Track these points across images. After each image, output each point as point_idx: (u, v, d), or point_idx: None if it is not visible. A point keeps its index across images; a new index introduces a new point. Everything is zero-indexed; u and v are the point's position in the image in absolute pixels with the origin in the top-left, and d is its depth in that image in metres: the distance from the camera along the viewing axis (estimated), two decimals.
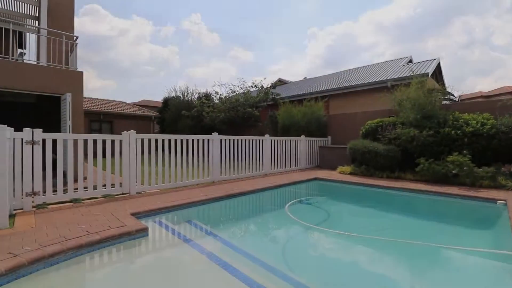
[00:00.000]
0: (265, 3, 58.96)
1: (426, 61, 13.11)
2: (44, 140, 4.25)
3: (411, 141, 7.24)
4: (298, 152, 9.36)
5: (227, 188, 5.80)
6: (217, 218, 4.58)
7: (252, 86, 15.96)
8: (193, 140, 6.28)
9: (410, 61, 14.96)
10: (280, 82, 24.12)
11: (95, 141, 4.84)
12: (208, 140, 6.63)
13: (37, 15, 8.86)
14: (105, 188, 4.99)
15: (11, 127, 3.82)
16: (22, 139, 3.99)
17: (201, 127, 16.38)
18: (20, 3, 8.25)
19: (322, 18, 64.35)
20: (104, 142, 4.96)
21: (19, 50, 10.96)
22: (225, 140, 7.00)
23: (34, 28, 8.94)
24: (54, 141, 4.49)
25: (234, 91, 15.69)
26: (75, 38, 7.35)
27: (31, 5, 8.41)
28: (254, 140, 7.79)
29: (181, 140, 6.05)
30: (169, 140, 5.85)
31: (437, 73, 15.34)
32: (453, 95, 9.61)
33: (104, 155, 4.94)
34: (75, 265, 2.58)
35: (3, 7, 8.52)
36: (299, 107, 11.62)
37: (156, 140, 5.76)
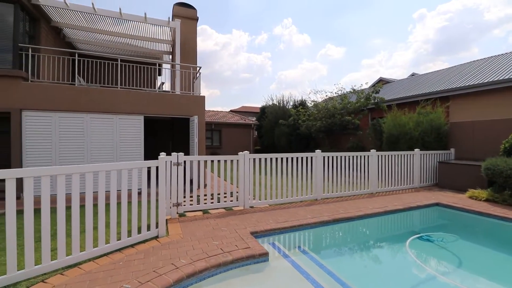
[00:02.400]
0: None
1: None
2: (184, 162, 5.29)
3: None
4: (410, 168, 8.25)
5: (333, 210, 5.71)
6: (326, 247, 4.55)
7: (351, 92, 15.09)
8: (297, 158, 6.48)
9: None
10: (382, 82, 21.86)
11: (219, 161, 5.70)
12: (312, 157, 6.69)
13: (170, 50, 11.07)
14: (226, 202, 5.79)
15: (154, 140, 4.92)
16: (171, 161, 5.09)
17: (297, 135, 16.67)
18: (160, 43, 10.47)
19: None
20: (225, 161, 5.77)
21: (158, 77, 13.95)
22: (328, 157, 6.89)
23: (168, 61, 11.17)
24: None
25: (332, 98, 15.20)
26: (198, 68, 8.79)
27: (167, 44, 10.56)
28: (359, 156, 7.34)
29: (286, 159, 6.35)
30: (276, 158, 6.25)
31: None
32: None
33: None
34: (216, 283, 3.10)
35: (148, 47, 11.04)
36: (410, 113, 10.19)
37: (266, 159, 6.24)
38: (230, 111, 32.19)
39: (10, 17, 6.93)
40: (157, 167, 4.16)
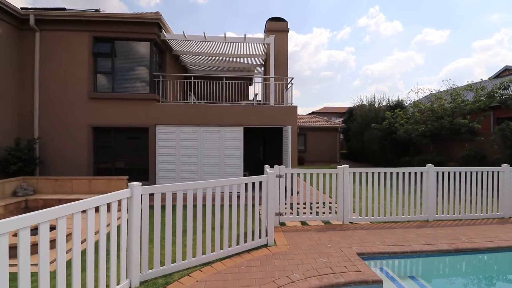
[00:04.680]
0: None
1: None
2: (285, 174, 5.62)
3: None
4: None
5: (451, 236, 4.98)
6: (448, 282, 4.02)
7: (466, 88, 12.67)
8: (403, 173, 5.93)
9: None
10: (509, 71, 17.54)
11: (318, 174, 5.80)
12: (422, 173, 6.01)
13: (262, 63, 11.78)
14: (324, 214, 5.84)
15: (248, 147, 5.35)
16: (274, 173, 5.48)
17: (392, 139, 15.11)
18: (254, 59, 11.29)
19: None
20: (324, 175, 5.82)
21: (249, 87, 15.07)
22: (443, 172, 6.03)
23: (261, 73, 11.91)
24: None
25: (439, 97, 13.08)
26: (290, 79, 9.08)
27: (259, 58, 11.30)
28: (485, 172, 6.14)
29: (391, 173, 5.91)
30: (379, 173, 5.88)
31: None
32: None
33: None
34: None
35: (243, 62, 12.04)
36: None
37: (367, 173, 5.97)
38: (312, 112, 31.75)
39: (147, 51, 8.81)
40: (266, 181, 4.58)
